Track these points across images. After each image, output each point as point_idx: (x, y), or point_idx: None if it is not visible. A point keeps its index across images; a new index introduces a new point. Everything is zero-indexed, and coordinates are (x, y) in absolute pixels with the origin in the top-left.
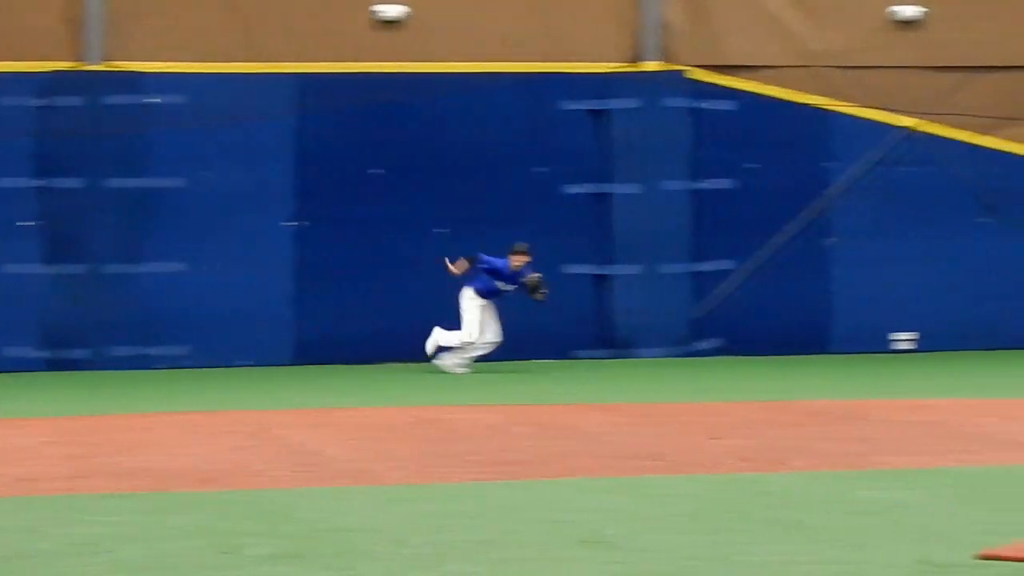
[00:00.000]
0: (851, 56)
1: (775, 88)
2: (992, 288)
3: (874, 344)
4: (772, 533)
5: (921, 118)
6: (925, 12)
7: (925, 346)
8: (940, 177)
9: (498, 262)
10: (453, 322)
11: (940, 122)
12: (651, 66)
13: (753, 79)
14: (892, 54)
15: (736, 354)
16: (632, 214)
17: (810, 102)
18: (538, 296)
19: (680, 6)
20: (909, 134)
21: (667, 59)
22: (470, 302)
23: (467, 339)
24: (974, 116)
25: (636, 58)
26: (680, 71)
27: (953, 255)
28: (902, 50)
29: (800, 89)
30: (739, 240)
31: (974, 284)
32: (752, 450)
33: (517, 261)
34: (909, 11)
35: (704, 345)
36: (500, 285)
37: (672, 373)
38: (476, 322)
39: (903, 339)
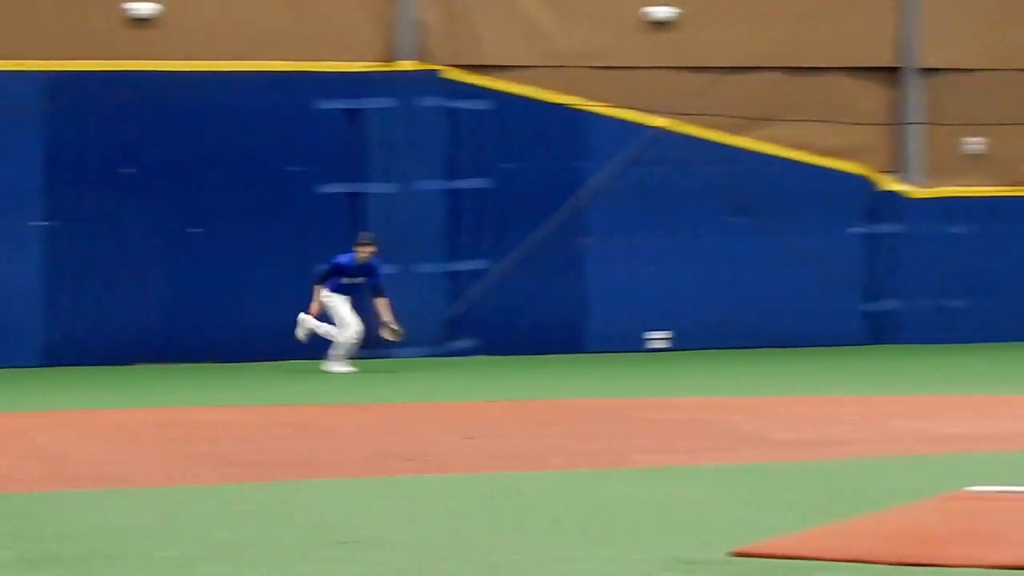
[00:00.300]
0: (604, 56)
1: (530, 88)
2: (744, 287)
3: (629, 343)
4: (527, 532)
5: (673, 118)
6: (677, 13)
7: (679, 345)
8: (692, 177)
9: (342, 259)
10: (206, 320)
11: (692, 122)
12: (406, 65)
13: (508, 79)
14: (645, 55)
15: (492, 353)
16: (387, 214)
17: (564, 102)
18: (389, 336)
19: (435, 6)
20: (662, 134)
21: (422, 59)
22: (331, 299)
23: (345, 333)
24: (726, 116)
25: (391, 57)
26: (435, 71)
27: (705, 254)
28: (655, 51)
29: (554, 89)
30: (494, 240)
31: (726, 283)
32: (507, 449)
33: (363, 252)
34: (661, 12)
35: (460, 345)
36: (347, 280)
37: (428, 373)
38: (348, 314)
39: (657, 338)
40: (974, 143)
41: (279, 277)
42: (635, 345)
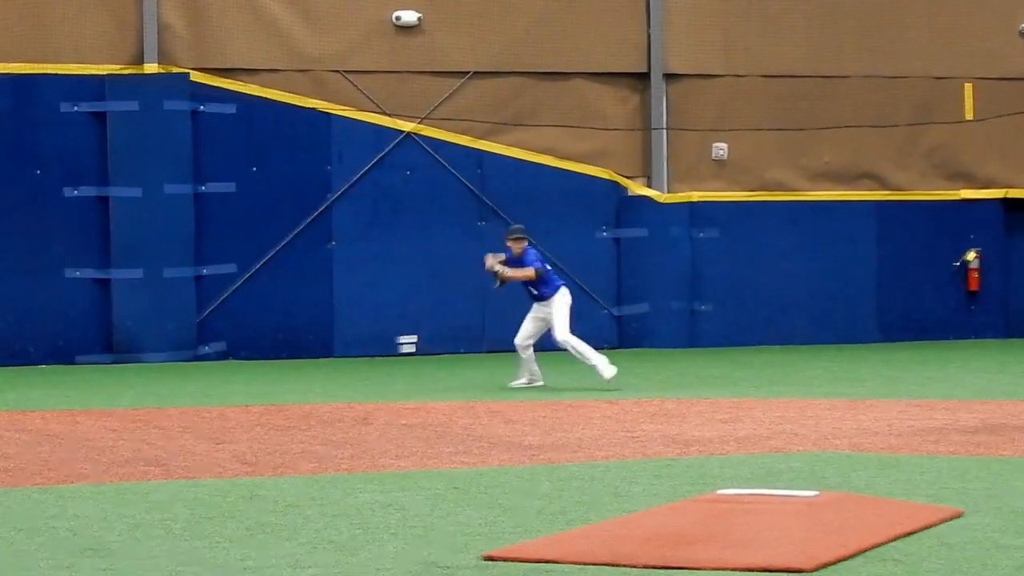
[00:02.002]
0: (351, 60)
1: (276, 91)
2: (491, 291)
3: (378, 347)
4: (272, 537)
5: (420, 122)
6: (422, 17)
7: (426, 349)
8: (440, 181)
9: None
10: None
11: (439, 126)
12: (151, 69)
13: (254, 82)
14: (391, 58)
15: (240, 358)
16: (133, 218)
17: (311, 105)
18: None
19: (180, 9)
20: (408, 138)
21: (168, 62)
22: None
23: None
24: (473, 121)
25: (137, 61)
26: (181, 74)
27: (453, 258)
28: (401, 55)
29: (301, 93)
30: (242, 244)
31: (474, 287)
32: (254, 454)
33: (516, 247)
34: (407, 16)
35: (208, 349)
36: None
37: (175, 378)
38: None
39: (406, 342)
40: (719, 148)
41: (26, 280)
42: (384, 349)
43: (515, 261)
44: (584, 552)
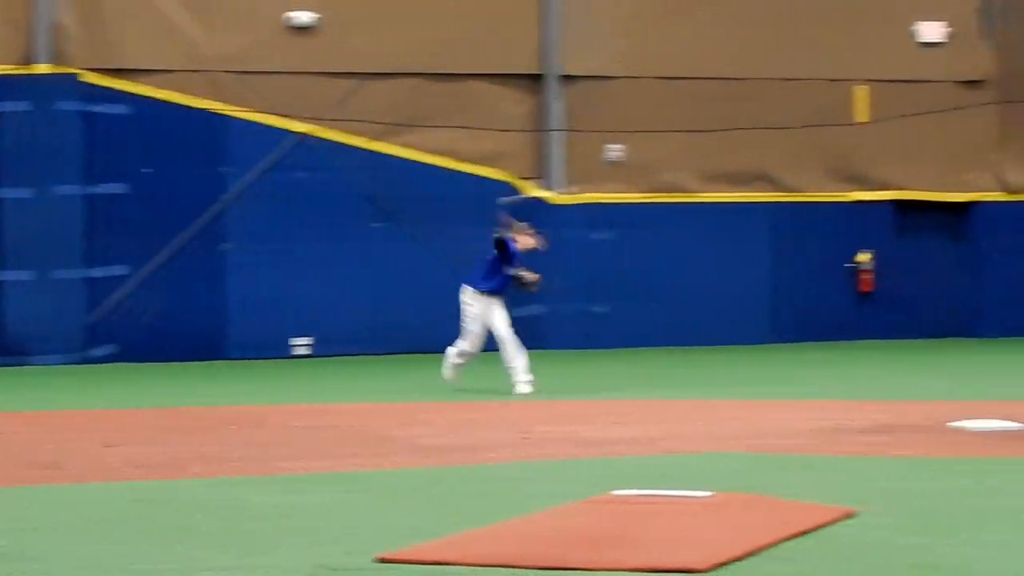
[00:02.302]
0: (246, 61)
1: (170, 92)
2: (387, 292)
3: (273, 349)
4: (168, 541)
5: (315, 124)
6: (318, 18)
7: (322, 351)
8: (335, 182)
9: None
10: None
11: (334, 128)
12: (43, 68)
13: (148, 83)
14: (287, 60)
15: (132, 360)
16: (23, 219)
17: (205, 107)
18: (532, 288)
19: (73, 8)
20: (304, 139)
21: (59, 62)
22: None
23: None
24: (368, 122)
25: (27, 60)
26: (73, 74)
27: (349, 260)
28: (297, 56)
29: (195, 94)
30: (134, 245)
31: (370, 289)
32: (148, 457)
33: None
34: (303, 17)
35: (99, 352)
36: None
37: (67, 380)
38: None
39: (301, 344)
40: (614, 150)
41: None
42: (280, 351)
43: (519, 255)
44: (480, 554)
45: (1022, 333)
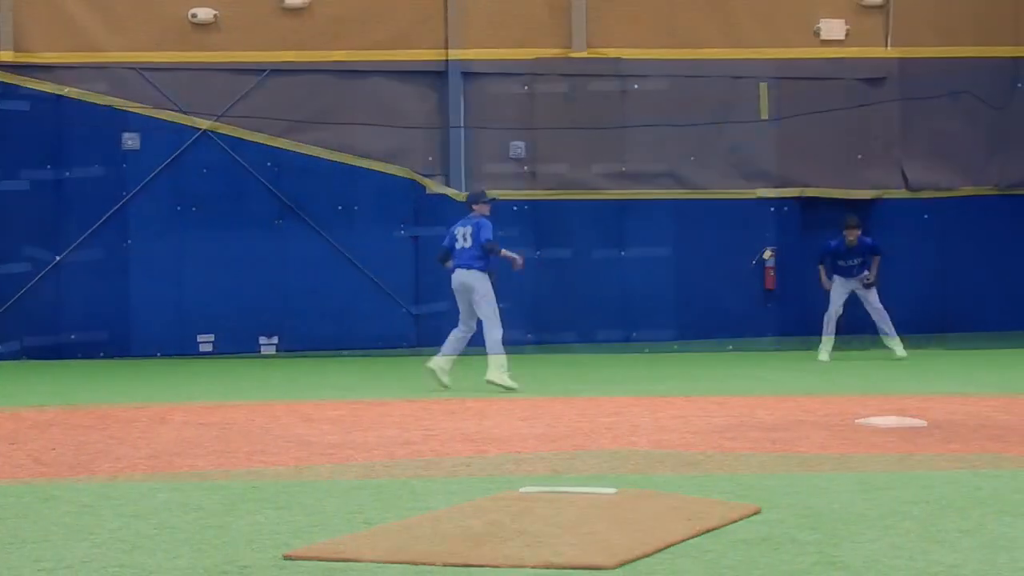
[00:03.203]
0: (147, 57)
1: (71, 88)
2: (291, 290)
3: (176, 347)
4: (68, 539)
5: (217, 120)
6: (219, 14)
7: (223, 348)
8: (237, 179)
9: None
10: None
11: (235, 124)
12: None
13: (49, 79)
14: (188, 56)
15: (34, 358)
16: None
17: (106, 103)
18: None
19: None
20: (205, 136)
21: None
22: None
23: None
24: (269, 118)
25: None
26: None
27: (251, 257)
28: (197, 52)
29: (97, 90)
30: (35, 242)
31: (272, 286)
32: (52, 456)
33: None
34: (203, 13)
35: (0, 349)
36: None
37: None
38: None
39: (204, 341)
40: (516, 147)
41: None
42: (182, 349)
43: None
44: (385, 551)
45: (927, 330)
